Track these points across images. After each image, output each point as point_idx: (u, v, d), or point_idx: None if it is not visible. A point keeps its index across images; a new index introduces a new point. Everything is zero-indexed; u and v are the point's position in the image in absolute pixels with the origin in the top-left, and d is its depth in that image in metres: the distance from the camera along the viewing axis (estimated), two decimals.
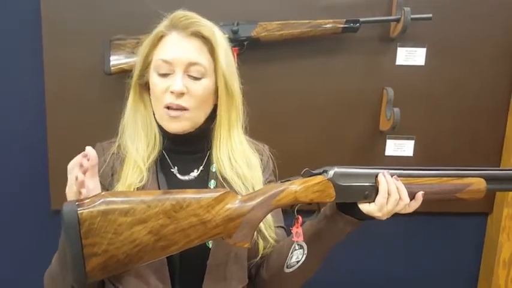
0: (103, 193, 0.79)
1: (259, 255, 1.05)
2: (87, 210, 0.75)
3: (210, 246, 0.99)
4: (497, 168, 0.98)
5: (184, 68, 0.98)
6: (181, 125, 1.00)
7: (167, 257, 0.95)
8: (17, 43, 1.48)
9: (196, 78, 0.99)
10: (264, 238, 1.04)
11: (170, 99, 0.98)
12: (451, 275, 1.74)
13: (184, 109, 0.99)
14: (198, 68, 0.98)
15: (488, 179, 0.97)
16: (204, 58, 0.99)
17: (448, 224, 1.69)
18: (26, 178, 1.56)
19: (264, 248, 1.04)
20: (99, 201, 0.76)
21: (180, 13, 1.00)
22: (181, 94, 0.97)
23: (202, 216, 0.82)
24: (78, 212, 0.74)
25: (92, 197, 0.78)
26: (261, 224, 1.01)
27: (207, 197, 0.83)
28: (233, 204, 0.85)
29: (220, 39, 1.01)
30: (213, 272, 0.99)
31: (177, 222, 0.80)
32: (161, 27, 1.00)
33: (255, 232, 1.01)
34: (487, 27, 1.52)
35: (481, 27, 1.52)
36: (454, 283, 1.75)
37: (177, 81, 0.97)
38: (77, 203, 0.75)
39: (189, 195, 0.83)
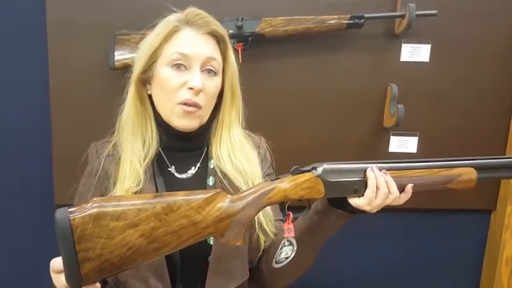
0: (95, 199, 0.79)
1: (261, 250, 1.06)
2: (79, 216, 0.75)
3: (211, 242, 0.99)
4: (487, 156, 0.98)
5: (201, 64, 0.98)
6: (193, 121, 1.01)
7: (167, 257, 0.96)
8: (22, 38, 1.49)
9: (210, 76, 1.00)
10: (265, 232, 1.04)
11: (187, 96, 0.98)
12: (454, 273, 1.74)
13: (199, 107, 0.99)
14: (213, 64, 1.00)
15: (479, 168, 0.97)
16: (218, 56, 1.01)
17: (451, 221, 1.68)
18: (31, 173, 1.57)
19: (264, 242, 1.05)
20: (90, 207, 0.77)
21: (194, 10, 1.01)
22: (199, 91, 0.98)
23: (193, 217, 0.82)
24: (71, 218, 0.75)
25: (83, 203, 0.79)
26: (262, 219, 1.03)
27: (197, 198, 0.84)
28: (223, 204, 0.85)
29: (229, 40, 1.04)
30: (216, 267, 1.00)
31: (168, 224, 0.81)
32: (173, 21, 1.00)
33: (257, 227, 1.03)
34: (492, 24, 1.51)
35: (486, 24, 1.51)
36: (457, 281, 1.75)
37: (197, 78, 0.97)
38: (69, 210, 0.76)
39: (180, 197, 0.83)
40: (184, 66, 0.98)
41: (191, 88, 0.97)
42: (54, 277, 0.82)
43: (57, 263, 0.80)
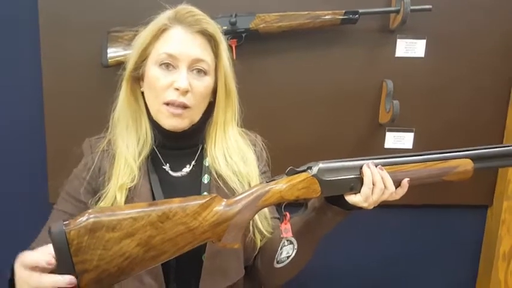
0: (89, 211, 0.79)
1: (257, 249, 1.06)
2: (74, 229, 0.75)
3: None
4: (482, 146, 0.98)
5: (188, 65, 0.97)
6: (180, 122, 1.00)
7: None
8: (14, 35, 1.47)
9: (199, 76, 0.99)
10: (260, 232, 1.05)
11: (173, 96, 0.97)
12: (451, 268, 1.74)
13: (186, 107, 0.98)
14: (202, 65, 0.99)
15: (475, 158, 0.97)
16: (208, 56, 1.00)
17: (447, 217, 1.68)
18: (24, 171, 1.56)
19: (260, 241, 1.06)
20: (85, 220, 0.77)
21: (185, 8, 1.00)
22: (185, 92, 0.97)
23: (189, 224, 0.82)
24: (66, 231, 0.75)
25: (77, 215, 0.78)
26: (257, 219, 1.03)
27: (193, 204, 0.84)
28: (219, 209, 0.85)
29: (222, 38, 1.02)
30: (210, 266, 1.00)
31: (165, 232, 0.81)
32: (164, 19, 0.99)
33: (251, 227, 1.03)
34: (487, 18, 1.50)
35: (482, 18, 1.50)
36: (454, 276, 1.75)
37: (183, 78, 0.96)
38: (64, 223, 0.76)
39: (175, 204, 0.83)
40: (172, 66, 0.98)
41: (177, 89, 0.96)
42: (29, 276, 0.75)
43: (33, 258, 0.75)
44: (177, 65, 0.97)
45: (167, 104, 0.98)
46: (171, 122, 0.99)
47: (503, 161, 1.00)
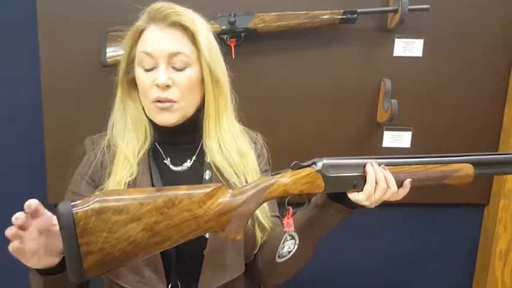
0: (96, 193, 0.80)
1: (258, 246, 1.07)
2: (81, 210, 0.76)
3: (207, 236, 0.99)
4: (484, 153, 1.00)
5: (166, 60, 0.97)
6: (171, 116, 1.00)
7: None
8: (13, 35, 1.47)
9: (180, 69, 0.98)
10: (262, 228, 1.05)
11: (157, 93, 0.98)
12: (448, 267, 1.75)
13: (172, 101, 0.99)
14: (180, 58, 0.98)
15: (476, 164, 0.98)
16: (185, 47, 0.98)
17: (444, 215, 1.69)
18: (23, 172, 1.56)
19: (261, 238, 1.06)
20: (93, 201, 0.77)
21: (156, 5, 1.00)
22: (167, 87, 0.97)
23: (194, 211, 0.83)
24: (73, 212, 0.75)
25: (85, 197, 0.79)
26: (259, 215, 1.03)
27: (199, 192, 0.84)
28: (224, 199, 0.86)
29: (202, 27, 1.00)
30: (211, 260, 1.00)
31: (170, 218, 0.81)
32: (140, 21, 1.00)
33: (254, 223, 1.03)
34: (485, 18, 1.51)
35: (479, 18, 1.51)
36: (451, 275, 1.76)
37: (161, 74, 0.97)
38: (71, 204, 0.76)
39: (181, 191, 0.84)
40: (152, 65, 0.98)
41: (158, 85, 0.97)
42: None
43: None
44: (156, 63, 0.97)
45: (155, 101, 0.99)
46: (161, 117, 1.00)
47: (503, 168, 1.01)
